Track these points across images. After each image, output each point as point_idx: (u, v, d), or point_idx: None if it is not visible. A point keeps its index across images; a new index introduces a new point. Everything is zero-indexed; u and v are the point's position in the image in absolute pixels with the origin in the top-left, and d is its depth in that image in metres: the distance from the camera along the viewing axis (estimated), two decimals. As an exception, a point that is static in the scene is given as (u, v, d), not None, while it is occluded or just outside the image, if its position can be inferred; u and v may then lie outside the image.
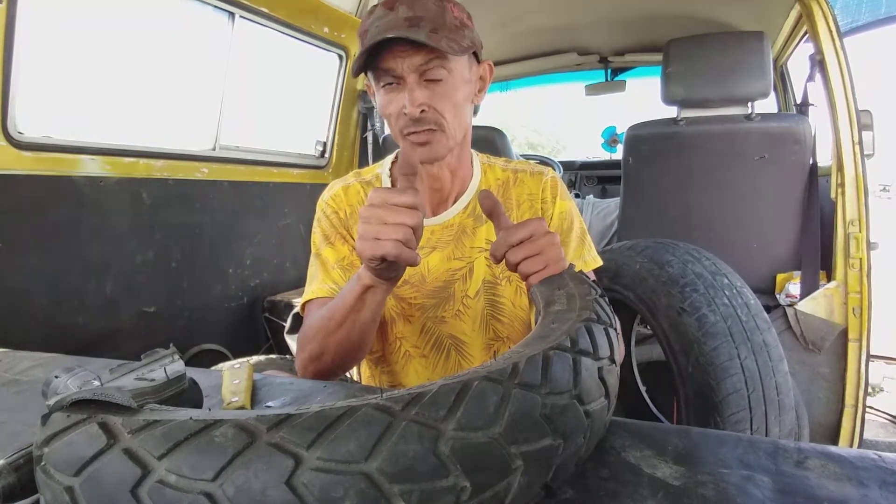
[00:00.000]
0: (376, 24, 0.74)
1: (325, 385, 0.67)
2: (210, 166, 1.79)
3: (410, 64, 0.74)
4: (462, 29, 0.77)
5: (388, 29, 0.72)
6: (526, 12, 2.25)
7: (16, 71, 1.21)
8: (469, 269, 0.89)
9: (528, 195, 0.90)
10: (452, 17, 0.76)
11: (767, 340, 1.07)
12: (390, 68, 0.75)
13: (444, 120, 0.78)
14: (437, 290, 0.89)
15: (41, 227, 1.35)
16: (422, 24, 0.73)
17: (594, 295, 0.47)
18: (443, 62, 0.75)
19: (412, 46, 0.73)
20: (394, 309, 0.90)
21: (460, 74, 0.78)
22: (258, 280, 2.05)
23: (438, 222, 0.89)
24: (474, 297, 0.89)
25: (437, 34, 0.73)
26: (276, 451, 0.28)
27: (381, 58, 0.75)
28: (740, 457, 0.45)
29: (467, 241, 0.89)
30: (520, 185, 0.91)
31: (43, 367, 0.74)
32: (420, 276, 0.89)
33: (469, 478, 0.30)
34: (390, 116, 0.79)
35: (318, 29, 2.01)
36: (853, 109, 1.45)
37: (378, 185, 0.91)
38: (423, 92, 0.76)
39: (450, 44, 0.73)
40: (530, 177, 0.91)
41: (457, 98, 0.78)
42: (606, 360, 0.40)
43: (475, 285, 0.89)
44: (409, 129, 0.77)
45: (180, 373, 0.50)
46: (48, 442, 0.30)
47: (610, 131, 3.50)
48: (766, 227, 1.66)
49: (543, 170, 0.92)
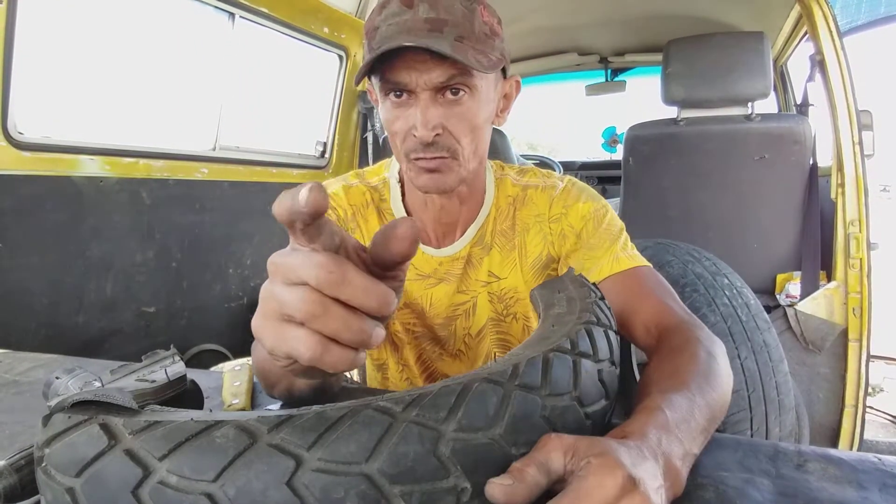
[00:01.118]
0: (389, 22, 0.61)
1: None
2: (210, 166, 1.79)
3: (427, 80, 0.61)
4: (492, 38, 0.64)
5: (405, 32, 0.60)
6: (526, 12, 2.25)
7: (16, 71, 1.21)
8: (473, 305, 0.80)
9: (536, 216, 0.78)
10: (482, 23, 0.63)
11: (767, 340, 1.07)
12: (402, 81, 0.62)
13: (459, 146, 0.66)
14: (439, 326, 0.81)
15: (41, 227, 1.35)
16: (445, 29, 0.60)
17: (594, 298, 0.47)
18: (466, 78, 0.62)
19: (431, 57, 0.60)
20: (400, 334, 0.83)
21: (484, 92, 0.66)
22: (258, 280, 2.05)
23: (447, 254, 0.78)
24: (477, 336, 0.81)
25: (462, 44, 0.60)
26: (277, 452, 0.28)
27: (391, 66, 0.61)
28: (740, 460, 0.45)
29: (472, 272, 0.79)
30: (529, 204, 0.79)
31: (43, 369, 0.74)
32: (421, 308, 0.80)
33: (469, 479, 0.30)
34: (396, 135, 0.67)
35: (318, 29, 2.01)
36: (853, 109, 1.45)
37: (386, 192, 0.80)
38: (438, 111, 0.63)
39: (477, 57, 0.61)
40: (541, 193, 0.79)
41: (477, 121, 0.66)
42: (606, 361, 0.41)
43: (478, 323, 0.81)
44: (418, 153, 0.65)
45: (181, 374, 0.50)
46: (49, 443, 0.30)
47: (610, 131, 3.51)
48: (766, 228, 1.66)
49: (557, 182, 0.79)
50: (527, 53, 2.77)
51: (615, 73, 2.95)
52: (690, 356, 0.49)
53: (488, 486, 0.30)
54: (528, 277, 0.79)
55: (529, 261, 0.79)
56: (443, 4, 0.61)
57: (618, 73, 2.95)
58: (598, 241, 0.74)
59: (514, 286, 0.79)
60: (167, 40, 1.66)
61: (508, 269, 0.79)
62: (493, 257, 0.79)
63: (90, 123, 1.49)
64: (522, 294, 0.80)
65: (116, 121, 1.56)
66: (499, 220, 0.79)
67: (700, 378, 0.45)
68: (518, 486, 0.30)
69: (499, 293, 0.80)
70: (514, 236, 0.79)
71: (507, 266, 0.79)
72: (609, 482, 0.30)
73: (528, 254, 0.79)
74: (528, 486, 0.30)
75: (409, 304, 0.81)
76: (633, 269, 0.71)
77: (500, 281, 0.80)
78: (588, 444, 0.32)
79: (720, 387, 0.46)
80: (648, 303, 0.64)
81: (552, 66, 2.89)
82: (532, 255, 0.79)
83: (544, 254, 0.78)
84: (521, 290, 0.80)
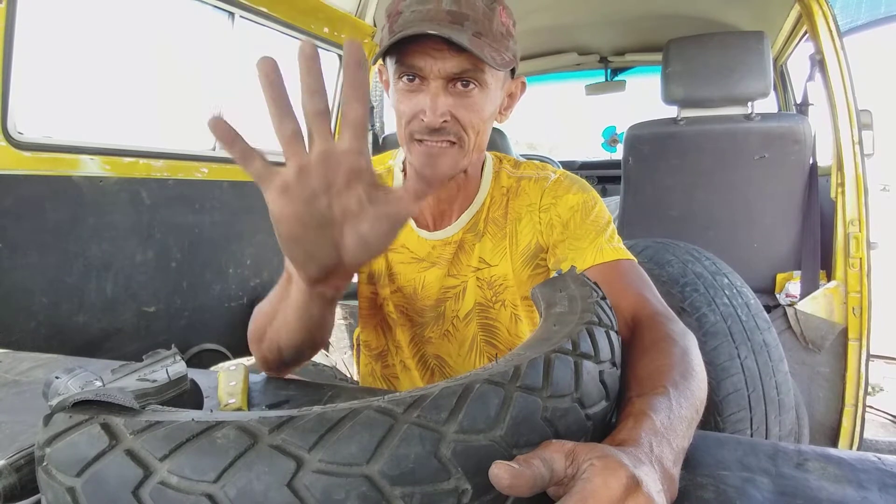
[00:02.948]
0: (413, 9, 0.64)
1: (325, 387, 0.67)
2: (210, 166, 1.79)
3: (442, 68, 0.64)
4: (507, 38, 0.68)
5: (427, 20, 0.63)
6: (526, 12, 2.24)
7: (16, 71, 1.21)
8: (462, 289, 0.83)
9: (528, 206, 0.81)
10: (500, 23, 0.67)
11: (767, 340, 1.07)
12: (417, 66, 0.65)
13: (466, 135, 0.68)
14: (428, 308, 0.84)
15: (41, 227, 1.35)
16: (466, 23, 0.63)
17: (595, 297, 0.47)
18: (477, 73, 0.66)
19: (449, 48, 0.63)
20: (393, 315, 0.86)
21: (492, 88, 0.69)
22: (258, 280, 2.05)
23: (441, 238, 0.81)
24: (464, 319, 0.84)
25: (480, 39, 0.63)
26: (278, 453, 0.28)
27: (409, 50, 0.64)
28: (740, 459, 0.45)
29: (464, 258, 0.82)
30: (522, 195, 0.81)
31: (44, 368, 0.74)
32: (413, 290, 0.84)
33: (470, 480, 0.30)
34: (403, 115, 0.69)
35: (318, 29, 2.01)
36: (853, 109, 1.46)
37: (389, 179, 0.84)
38: (448, 100, 0.66)
39: (492, 54, 0.64)
40: (534, 184, 0.81)
41: (483, 114, 0.69)
42: (608, 363, 0.40)
43: (466, 307, 0.83)
44: (423, 135, 0.68)
45: (182, 374, 0.50)
46: (50, 442, 0.30)
47: (610, 131, 3.51)
48: (766, 227, 1.66)
49: (550, 174, 0.83)
50: (527, 53, 2.77)
51: (615, 73, 2.95)
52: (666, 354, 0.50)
53: (494, 465, 0.30)
54: (517, 266, 0.81)
55: (520, 249, 0.81)
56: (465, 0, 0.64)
57: (618, 73, 2.96)
58: (584, 231, 0.76)
59: (504, 273, 0.82)
60: (167, 40, 1.66)
61: (499, 256, 0.82)
62: (485, 244, 0.82)
63: (90, 123, 1.49)
64: (511, 282, 0.82)
65: (116, 120, 1.56)
66: (492, 208, 0.82)
67: (677, 376, 0.46)
68: (524, 470, 0.30)
69: (488, 279, 0.82)
70: (505, 225, 0.82)
71: (497, 253, 0.82)
72: (614, 483, 0.30)
73: (518, 242, 0.81)
74: (532, 474, 0.30)
75: (401, 287, 0.84)
76: (615, 262, 0.72)
77: (490, 268, 0.82)
78: (588, 448, 0.33)
79: (697, 381, 0.47)
80: (626, 295, 0.65)
81: (552, 65, 2.90)
82: (522, 244, 0.81)
83: (534, 243, 0.80)
84: (510, 277, 0.82)
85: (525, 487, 0.30)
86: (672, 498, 0.36)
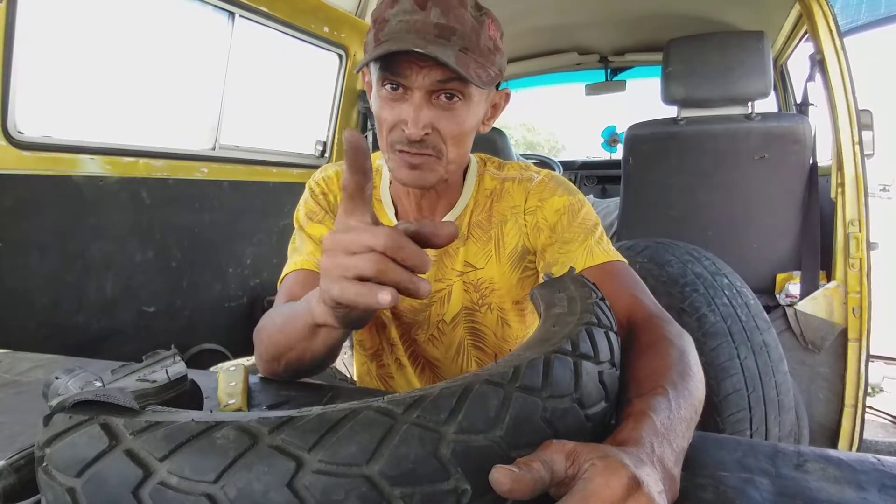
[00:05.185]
0: (400, 19, 0.64)
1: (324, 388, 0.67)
2: (210, 166, 1.79)
3: (425, 80, 0.64)
4: (494, 53, 0.68)
5: (413, 32, 0.62)
6: (526, 12, 2.24)
7: (16, 71, 1.21)
8: (448, 293, 0.82)
9: (512, 208, 0.80)
10: (488, 37, 0.66)
11: (767, 340, 1.07)
12: (401, 76, 0.65)
13: (445, 147, 0.69)
14: (414, 311, 0.84)
15: (41, 227, 1.35)
16: (453, 38, 0.63)
17: (595, 298, 0.47)
18: (462, 86, 0.65)
19: (434, 61, 0.62)
20: (385, 312, 0.85)
21: (476, 101, 0.69)
22: (258, 280, 2.05)
23: None
24: (451, 322, 0.83)
25: (466, 55, 0.63)
26: (278, 453, 0.28)
27: (393, 59, 0.64)
28: (739, 459, 0.45)
29: (448, 262, 0.82)
30: (506, 197, 0.81)
31: (43, 369, 0.74)
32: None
33: (470, 481, 0.30)
34: (384, 123, 0.69)
35: (318, 29, 2.01)
36: (853, 109, 1.45)
37: (378, 179, 0.84)
38: (431, 112, 0.66)
39: (478, 71, 0.64)
40: (517, 185, 0.81)
41: (465, 127, 0.69)
42: (607, 363, 0.41)
43: (452, 310, 0.83)
44: (403, 146, 0.68)
45: (182, 374, 0.50)
46: (50, 443, 0.30)
47: (610, 131, 3.50)
48: (766, 227, 1.66)
49: (533, 175, 0.82)
50: (527, 53, 2.77)
51: (615, 73, 2.95)
52: (663, 355, 0.50)
53: (494, 470, 0.30)
54: (504, 268, 0.81)
55: (507, 252, 0.81)
56: (454, 13, 0.63)
57: (617, 73, 2.95)
58: (572, 234, 0.76)
59: (490, 276, 0.82)
60: (167, 39, 1.66)
61: (485, 259, 0.82)
62: (470, 248, 0.81)
63: (90, 122, 1.48)
64: (498, 285, 0.82)
65: (116, 120, 1.55)
66: (476, 211, 0.82)
67: (676, 377, 0.46)
68: (524, 474, 0.30)
69: (474, 282, 0.82)
70: (490, 228, 0.81)
71: (483, 256, 0.82)
72: (615, 483, 0.30)
73: (504, 245, 0.81)
74: (533, 477, 0.30)
75: None
76: (606, 264, 0.72)
77: (476, 271, 0.82)
78: (589, 448, 0.33)
79: (695, 382, 0.48)
80: (620, 297, 0.65)
81: (552, 65, 2.89)
82: (509, 247, 0.81)
83: (520, 245, 0.80)
84: (497, 280, 0.82)
85: (525, 491, 0.30)
86: (673, 498, 0.36)
